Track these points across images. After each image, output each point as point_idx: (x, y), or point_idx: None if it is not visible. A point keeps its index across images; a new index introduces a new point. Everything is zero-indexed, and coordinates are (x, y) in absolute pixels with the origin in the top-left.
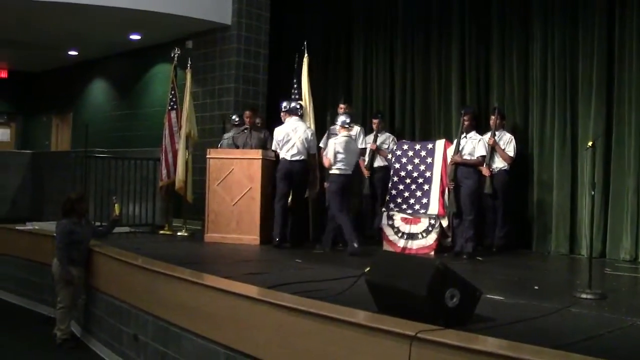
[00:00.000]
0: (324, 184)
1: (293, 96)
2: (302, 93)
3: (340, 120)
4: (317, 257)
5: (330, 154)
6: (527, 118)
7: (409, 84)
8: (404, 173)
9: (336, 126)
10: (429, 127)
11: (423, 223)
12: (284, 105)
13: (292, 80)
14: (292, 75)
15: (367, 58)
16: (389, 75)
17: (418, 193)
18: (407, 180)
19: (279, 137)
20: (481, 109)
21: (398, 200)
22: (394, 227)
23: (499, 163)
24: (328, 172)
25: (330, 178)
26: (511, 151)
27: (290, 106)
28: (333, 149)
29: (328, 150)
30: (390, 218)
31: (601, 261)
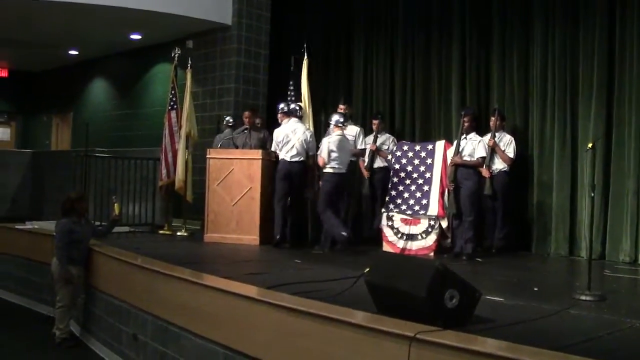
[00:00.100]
0: (319, 183)
1: (289, 98)
2: (302, 94)
3: (333, 119)
4: (317, 258)
5: (324, 153)
6: (527, 119)
7: (409, 85)
8: (404, 174)
9: (330, 125)
10: (429, 128)
11: (423, 224)
12: (281, 106)
13: (289, 81)
14: (290, 76)
15: (368, 58)
16: (389, 76)
17: (418, 194)
18: (407, 181)
19: (279, 139)
20: (481, 110)
21: (398, 201)
22: (394, 228)
23: (499, 164)
24: (322, 171)
25: (324, 177)
26: (511, 152)
27: (289, 108)
28: (327, 148)
29: (322, 149)
30: (389, 219)
31: (601, 263)
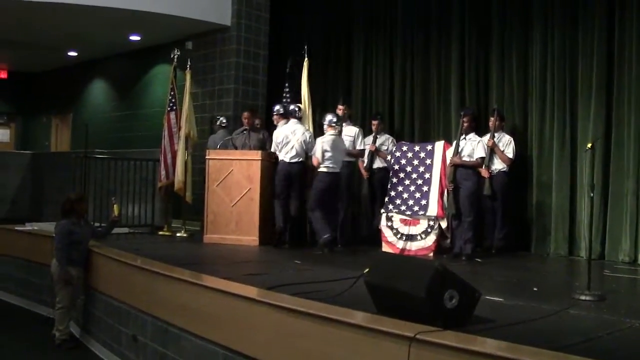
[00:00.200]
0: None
1: (285, 99)
2: (302, 96)
3: (327, 119)
4: (316, 258)
5: (318, 153)
6: (527, 119)
7: (409, 85)
8: (403, 174)
9: (324, 125)
10: (428, 129)
11: (422, 224)
12: (277, 108)
13: (285, 83)
14: (285, 77)
15: (367, 59)
16: (389, 76)
17: (417, 194)
18: (406, 181)
19: (278, 140)
20: (480, 111)
21: (397, 201)
22: (393, 229)
23: (498, 164)
24: (316, 171)
25: (318, 176)
26: (510, 153)
27: (285, 110)
28: (321, 148)
29: (316, 149)
30: (389, 219)
31: (600, 263)
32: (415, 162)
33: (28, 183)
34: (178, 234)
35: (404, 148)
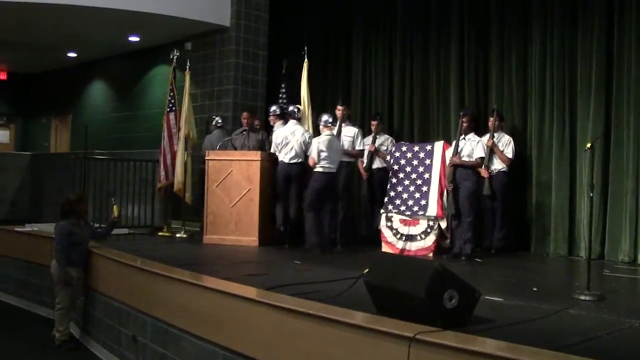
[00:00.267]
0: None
1: (281, 100)
2: (302, 97)
3: (323, 119)
4: (316, 259)
5: (314, 153)
6: (526, 119)
7: (408, 86)
8: (403, 175)
9: (320, 125)
10: (428, 129)
11: (422, 225)
12: (273, 109)
13: (281, 84)
14: (281, 78)
15: (366, 59)
16: (388, 76)
17: (417, 194)
18: (406, 181)
19: (278, 140)
20: (480, 111)
21: (397, 201)
22: (393, 229)
23: (498, 164)
24: (313, 171)
25: (314, 176)
26: (510, 153)
27: (281, 110)
28: (317, 148)
29: (312, 149)
30: (388, 220)
31: (600, 263)
32: (414, 162)
33: (27, 184)
34: (178, 235)
35: (404, 148)
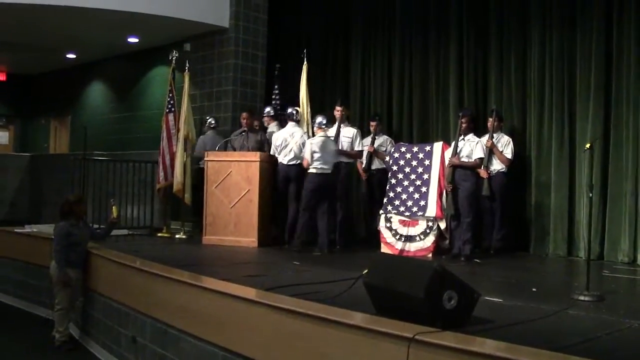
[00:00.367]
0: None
1: (274, 102)
2: (300, 99)
3: (317, 121)
4: (315, 260)
5: (307, 154)
6: (525, 120)
7: (407, 86)
8: (402, 175)
9: (314, 127)
10: (427, 130)
11: (421, 225)
12: (267, 110)
13: (274, 85)
14: (278, 80)
15: (365, 60)
16: (387, 77)
17: (416, 195)
18: (405, 182)
19: (277, 143)
20: (479, 111)
21: (396, 202)
22: (392, 230)
23: (497, 165)
24: (307, 172)
25: (307, 177)
26: (509, 153)
27: (275, 112)
28: (310, 149)
29: (305, 150)
30: (388, 220)
31: (599, 263)
32: (413, 163)
33: (27, 185)
34: (177, 236)
35: (403, 149)
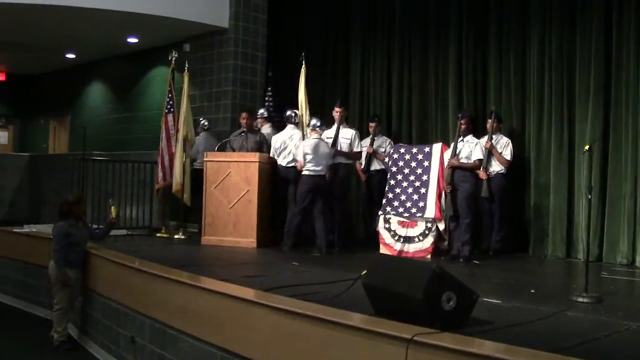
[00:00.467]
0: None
1: (267, 103)
2: (299, 102)
3: (311, 123)
4: (314, 260)
5: (299, 156)
6: (524, 122)
7: (406, 87)
8: (401, 176)
9: (307, 129)
10: (426, 131)
11: (420, 226)
12: (261, 112)
13: (267, 87)
14: (269, 81)
15: (365, 61)
16: (386, 78)
17: (415, 196)
18: (404, 183)
19: (276, 145)
20: (478, 113)
21: (395, 203)
22: (391, 231)
23: (496, 166)
24: (300, 174)
25: (301, 179)
26: (508, 155)
27: (269, 113)
28: (302, 151)
29: (297, 152)
30: (387, 221)
31: (598, 265)
32: (412, 164)
33: (26, 185)
34: (176, 236)
35: (402, 150)
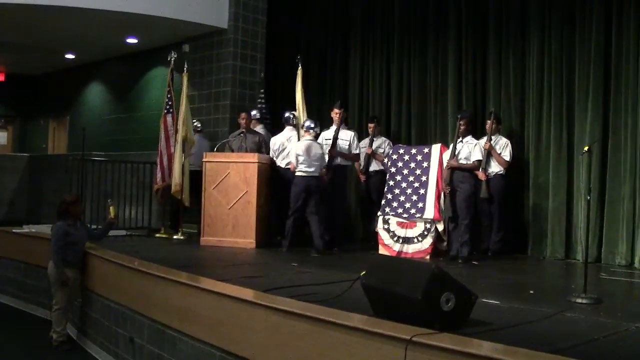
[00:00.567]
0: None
1: (259, 105)
2: (297, 103)
3: (305, 125)
4: (313, 261)
5: (292, 158)
6: (524, 122)
7: (405, 88)
8: (400, 177)
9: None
10: (425, 131)
11: (419, 227)
12: (253, 113)
13: (260, 89)
14: (261, 83)
15: (364, 62)
16: (386, 79)
17: (414, 197)
18: (403, 184)
19: (275, 147)
20: (477, 113)
21: (394, 204)
22: (390, 231)
23: (495, 167)
24: (294, 175)
25: (294, 180)
26: (507, 156)
27: (261, 114)
28: (294, 153)
29: (290, 154)
30: (386, 222)
31: (596, 266)
32: (412, 165)
33: (25, 185)
34: (175, 237)
35: (401, 151)
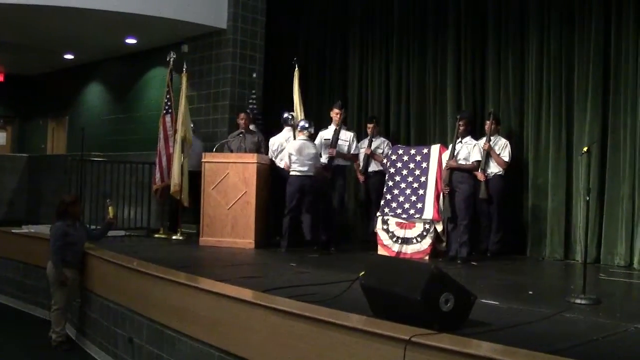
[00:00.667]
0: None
1: (251, 105)
2: (294, 104)
3: (300, 124)
4: (312, 261)
5: (285, 157)
6: (523, 123)
7: (404, 89)
8: (399, 177)
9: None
10: (424, 132)
11: (418, 228)
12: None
13: (252, 90)
14: (255, 85)
15: (363, 62)
16: (385, 79)
17: (413, 198)
18: (402, 184)
19: (274, 147)
20: (477, 114)
21: (393, 204)
22: (389, 232)
23: (494, 168)
24: (289, 174)
25: (288, 180)
26: (506, 156)
27: (253, 114)
28: (287, 152)
29: (283, 154)
30: (385, 222)
31: (596, 266)
32: (411, 165)
33: (25, 186)
34: (174, 237)
35: (400, 151)
